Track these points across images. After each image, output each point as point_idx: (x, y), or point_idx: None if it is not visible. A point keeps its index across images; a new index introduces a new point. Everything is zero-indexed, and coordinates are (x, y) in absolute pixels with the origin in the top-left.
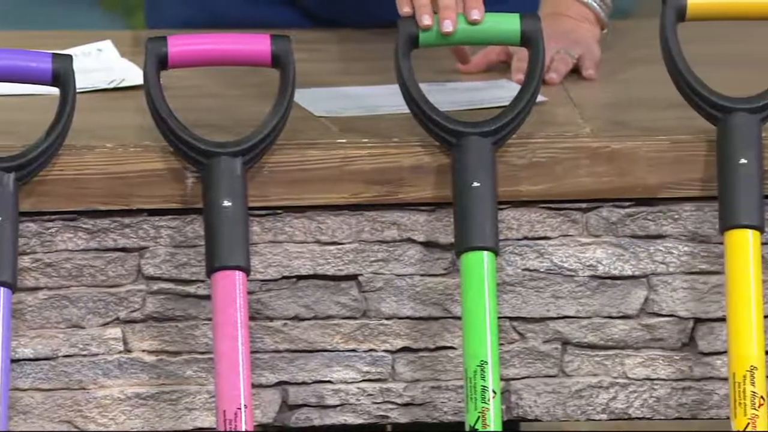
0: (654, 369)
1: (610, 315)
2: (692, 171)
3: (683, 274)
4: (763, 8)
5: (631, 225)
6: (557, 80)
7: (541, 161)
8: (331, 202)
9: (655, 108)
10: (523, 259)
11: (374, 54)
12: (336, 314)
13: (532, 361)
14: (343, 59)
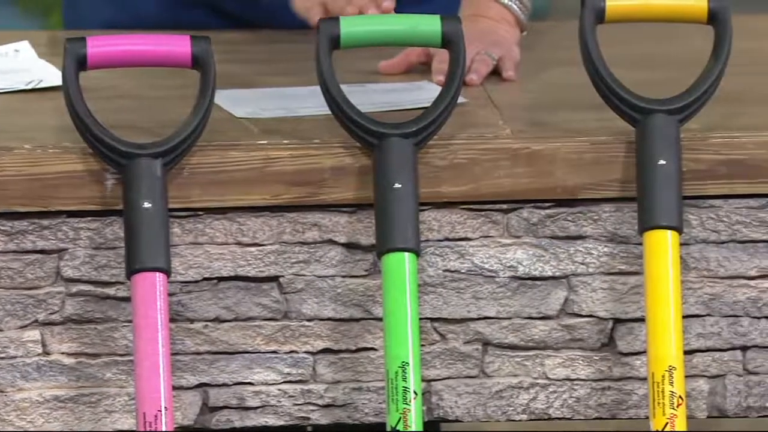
0: (574, 369)
1: (530, 316)
2: (612, 172)
3: (603, 274)
4: (680, 10)
5: (551, 226)
6: (477, 81)
7: (462, 162)
8: (252, 204)
9: (574, 109)
10: (444, 260)
11: (296, 55)
12: (257, 316)
13: (452, 362)
14: (264, 60)
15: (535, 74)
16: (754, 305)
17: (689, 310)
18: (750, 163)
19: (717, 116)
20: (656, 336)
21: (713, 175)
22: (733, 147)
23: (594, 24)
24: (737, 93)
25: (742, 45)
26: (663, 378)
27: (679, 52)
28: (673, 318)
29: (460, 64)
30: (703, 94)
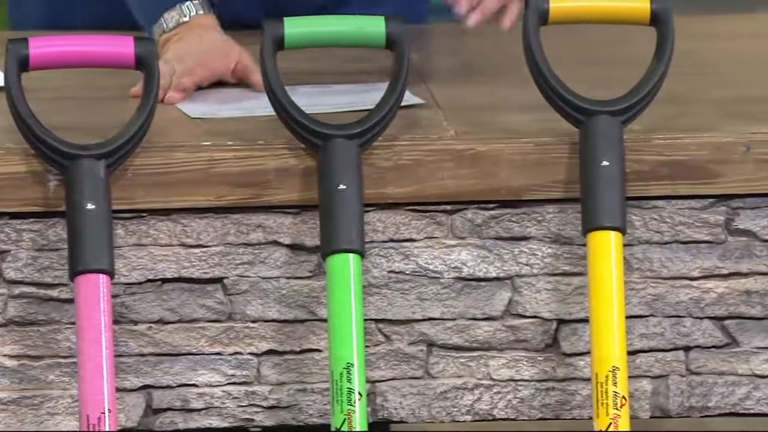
0: (518, 370)
1: (474, 317)
2: (555, 173)
3: (547, 275)
4: (623, 12)
5: (495, 227)
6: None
7: (407, 164)
8: (196, 205)
9: (518, 111)
10: (388, 261)
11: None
12: (201, 317)
13: (397, 363)
14: None
15: (479, 75)
16: (696, 306)
17: (632, 310)
18: (692, 164)
19: (660, 117)
20: (600, 337)
21: (656, 176)
22: (676, 148)
23: (537, 25)
24: (680, 94)
25: (685, 46)
26: (606, 378)
27: (623, 54)
28: (617, 319)
29: (404, 66)
30: (646, 95)
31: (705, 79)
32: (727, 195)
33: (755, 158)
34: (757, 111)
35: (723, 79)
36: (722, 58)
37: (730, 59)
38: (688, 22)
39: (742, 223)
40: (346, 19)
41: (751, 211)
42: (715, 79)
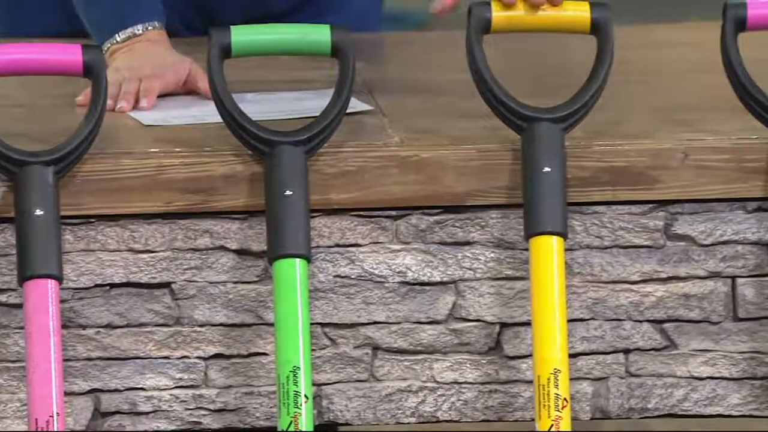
0: (461, 373)
1: (419, 320)
2: (498, 179)
3: (490, 279)
4: (564, 21)
5: (439, 232)
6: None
7: (352, 170)
8: (144, 211)
9: (462, 117)
10: (334, 266)
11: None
12: (149, 322)
13: (343, 366)
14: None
15: (422, 82)
16: (636, 309)
17: (574, 314)
18: (632, 170)
19: (600, 125)
20: (542, 340)
21: (597, 182)
22: (616, 155)
23: (480, 34)
24: (620, 102)
25: (625, 55)
26: (548, 381)
27: (565, 62)
28: (558, 322)
29: (349, 74)
30: (586, 103)
31: (644, 87)
32: (665, 200)
33: (693, 165)
34: (695, 118)
35: (661, 87)
36: (661, 67)
37: (669, 67)
38: (628, 31)
39: (680, 228)
40: (292, 27)
41: (689, 216)
42: (653, 87)
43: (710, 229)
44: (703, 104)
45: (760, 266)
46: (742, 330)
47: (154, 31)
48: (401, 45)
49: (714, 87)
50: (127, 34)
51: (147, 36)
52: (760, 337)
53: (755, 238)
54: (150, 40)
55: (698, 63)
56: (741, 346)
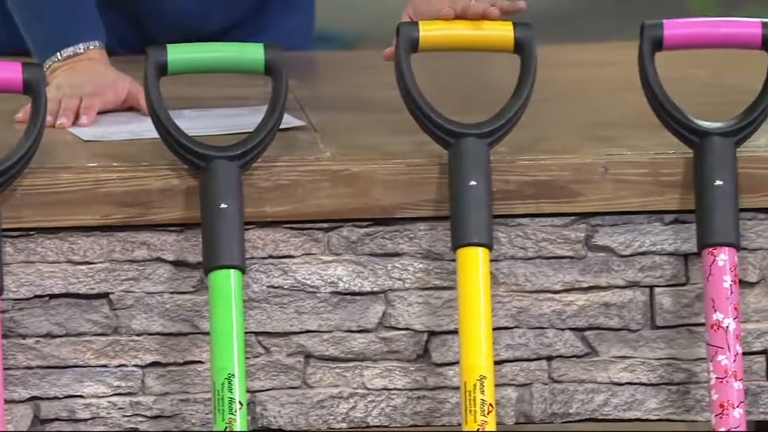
0: (391, 380)
1: (350, 329)
2: (426, 192)
3: (418, 289)
4: (489, 40)
5: (369, 244)
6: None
7: (285, 184)
8: (82, 224)
9: (391, 133)
10: (268, 277)
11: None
12: (87, 331)
13: (276, 374)
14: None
15: (354, 100)
16: (558, 317)
17: (499, 322)
18: (555, 184)
19: (524, 140)
20: (468, 347)
21: (521, 195)
22: (540, 169)
23: (408, 52)
24: (543, 118)
25: (547, 73)
26: (474, 387)
27: (493, 79)
28: (484, 330)
29: (282, 91)
30: (511, 119)
31: (566, 105)
32: (587, 213)
33: (613, 178)
34: (614, 134)
35: (583, 105)
36: (582, 85)
37: (590, 86)
38: (550, 50)
39: (601, 240)
40: (227, 46)
41: (609, 228)
42: (575, 105)
43: (629, 241)
44: (623, 121)
45: (677, 276)
46: (659, 337)
47: (95, 50)
48: (332, 63)
49: (633, 104)
50: (69, 53)
51: (88, 55)
52: (676, 344)
53: (672, 249)
54: (91, 59)
55: (618, 81)
56: (658, 353)
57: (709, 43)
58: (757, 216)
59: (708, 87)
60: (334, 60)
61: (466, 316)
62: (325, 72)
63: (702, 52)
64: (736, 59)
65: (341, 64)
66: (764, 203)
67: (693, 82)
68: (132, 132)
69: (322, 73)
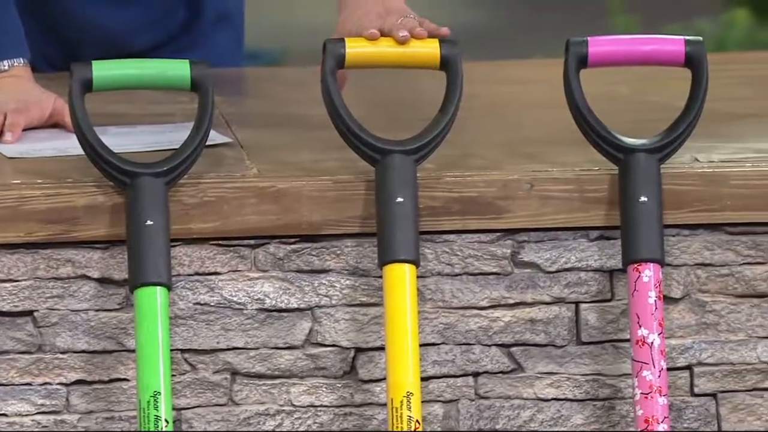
0: (318, 396)
1: (276, 346)
2: (353, 209)
3: (345, 306)
4: (415, 57)
5: (296, 260)
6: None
7: (211, 200)
8: (6, 241)
9: (318, 149)
10: (194, 294)
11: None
12: (11, 349)
13: (202, 391)
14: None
15: (280, 116)
16: (485, 333)
17: (426, 338)
18: (481, 200)
19: (451, 157)
20: (395, 364)
21: (447, 212)
22: (466, 185)
23: (334, 69)
24: (469, 135)
25: (474, 90)
26: (401, 403)
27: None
28: (411, 347)
29: (208, 108)
30: (437, 135)
31: (493, 121)
32: (513, 229)
33: (538, 195)
34: (540, 151)
35: (509, 122)
36: (508, 101)
37: (516, 102)
38: (476, 66)
39: (526, 256)
40: (152, 62)
41: (535, 244)
42: (501, 122)
43: (555, 257)
44: (548, 137)
45: (602, 292)
46: (585, 353)
47: (20, 68)
48: (259, 80)
49: (558, 121)
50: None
51: (12, 72)
52: (602, 360)
53: (597, 265)
54: (15, 76)
55: (544, 98)
56: (584, 369)
57: (634, 61)
58: (681, 232)
59: (632, 104)
60: (260, 76)
61: (393, 333)
62: (251, 89)
63: (626, 69)
64: (659, 76)
65: (268, 80)
66: (688, 219)
67: (617, 99)
68: (57, 149)
69: (249, 89)
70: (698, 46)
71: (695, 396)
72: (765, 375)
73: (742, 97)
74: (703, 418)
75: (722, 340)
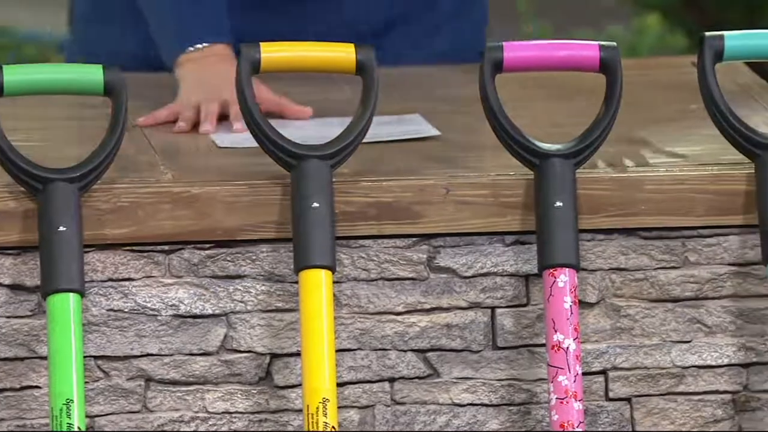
0: (233, 403)
1: (191, 352)
2: (268, 214)
3: (260, 312)
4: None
5: (211, 266)
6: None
7: (125, 206)
8: None
9: (233, 155)
10: (108, 300)
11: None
12: None
13: (116, 398)
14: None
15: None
16: (401, 339)
17: (342, 344)
18: (397, 205)
19: (367, 161)
20: (311, 369)
21: (363, 217)
22: (382, 190)
23: (249, 74)
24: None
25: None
26: (317, 409)
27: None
28: (327, 352)
29: (122, 113)
30: (353, 140)
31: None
32: (429, 234)
33: (454, 200)
34: (456, 156)
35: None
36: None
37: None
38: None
39: (442, 261)
40: (64, 67)
41: (451, 249)
42: None
43: (471, 262)
44: (464, 142)
45: (518, 297)
46: (501, 358)
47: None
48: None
49: (474, 126)
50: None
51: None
52: (517, 365)
53: (513, 270)
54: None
55: (460, 104)
56: (500, 374)
57: (549, 66)
58: (596, 237)
59: (547, 109)
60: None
61: (309, 339)
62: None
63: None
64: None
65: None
66: (603, 224)
67: (533, 104)
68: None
69: (162, 94)
70: (612, 51)
71: (610, 400)
72: (678, 379)
73: (657, 102)
74: (617, 423)
75: (636, 344)
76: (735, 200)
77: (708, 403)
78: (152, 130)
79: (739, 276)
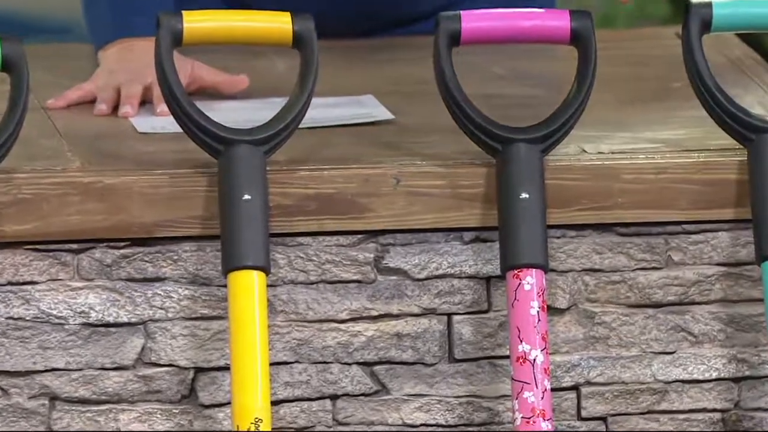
0: (151, 424)
1: (103, 366)
2: (192, 208)
3: (183, 319)
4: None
5: (126, 267)
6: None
7: (27, 198)
8: None
9: (151, 140)
10: (6, 307)
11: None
12: None
13: (16, 420)
14: None
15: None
16: (344, 350)
17: (276, 356)
18: (340, 198)
19: (305, 148)
20: (241, 386)
21: (302, 211)
22: (322, 181)
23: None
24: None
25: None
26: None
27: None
28: (260, 366)
29: (23, 90)
30: (289, 124)
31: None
32: (376, 231)
33: (406, 191)
34: (407, 141)
35: None
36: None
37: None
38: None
39: (392, 261)
40: None
41: (401, 247)
42: None
43: (424, 262)
44: (417, 125)
45: (478, 302)
46: (458, 372)
47: None
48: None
49: (427, 106)
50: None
51: None
52: (477, 380)
53: (472, 272)
54: None
55: (412, 82)
56: (457, 390)
57: (513, 38)
58: (566, 233)
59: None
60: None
61: (239, 350)
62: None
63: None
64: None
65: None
66: (575, 219)
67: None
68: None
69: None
70: (585, 20)
71: (582, 420)
72: (661, 395)
73: (636, 80)
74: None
75: (613, 356)
76: (724, 191)
77: (694, 423)
78: (57, 112)
79: (730, 278)
